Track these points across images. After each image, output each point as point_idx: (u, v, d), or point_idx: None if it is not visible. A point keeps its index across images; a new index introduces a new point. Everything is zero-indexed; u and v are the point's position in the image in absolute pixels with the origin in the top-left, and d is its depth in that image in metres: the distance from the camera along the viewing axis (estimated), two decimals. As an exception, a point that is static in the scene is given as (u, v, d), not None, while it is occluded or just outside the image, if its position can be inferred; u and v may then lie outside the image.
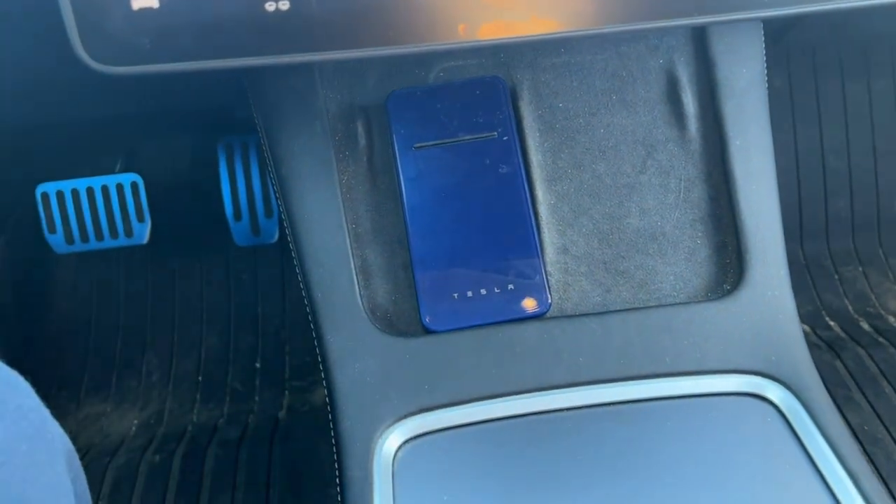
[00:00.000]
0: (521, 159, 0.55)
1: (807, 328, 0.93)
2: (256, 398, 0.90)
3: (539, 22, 0.44)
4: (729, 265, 0.54)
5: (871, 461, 0.76)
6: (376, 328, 0.52)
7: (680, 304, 0.53)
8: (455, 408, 0.49)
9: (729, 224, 0.54)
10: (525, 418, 0.49)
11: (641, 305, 0.53)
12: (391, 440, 0.48)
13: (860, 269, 0.99)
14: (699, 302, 0.53)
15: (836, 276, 0.99)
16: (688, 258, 0.55)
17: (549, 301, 0.52)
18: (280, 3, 0.35)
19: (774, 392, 0.49)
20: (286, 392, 0.88)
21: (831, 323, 0.94)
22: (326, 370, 0.51)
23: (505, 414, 0.49)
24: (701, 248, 0.55)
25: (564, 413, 0.49)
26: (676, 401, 0.49)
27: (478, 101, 0.56)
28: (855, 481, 0.45)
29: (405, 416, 0.49)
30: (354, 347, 0.51)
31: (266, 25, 0.35)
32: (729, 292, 0.53)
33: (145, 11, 0.34)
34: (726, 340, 0.51)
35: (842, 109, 1.01)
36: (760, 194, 0.54)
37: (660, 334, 0.51)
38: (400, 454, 0.48)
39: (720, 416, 0.48)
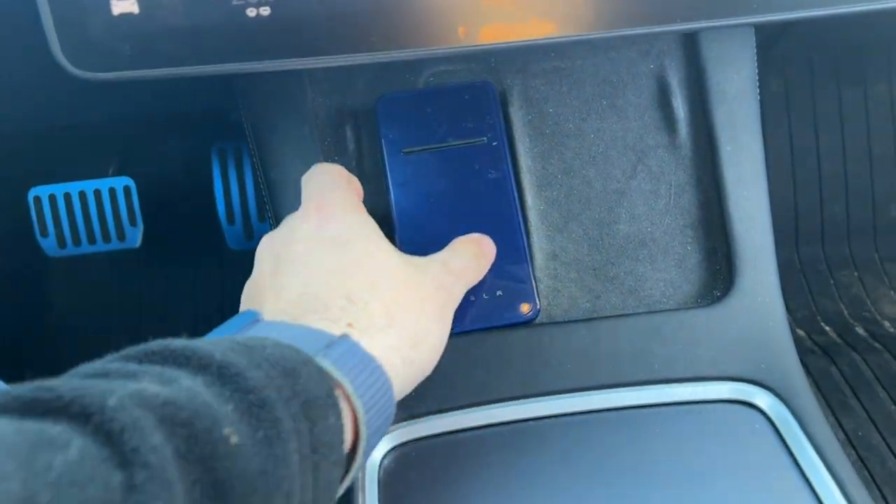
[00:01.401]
0: (510, 165, 0.55)
1: (802, 333, 0.93)
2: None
3: (536, 26, 0.44)
4: (719, 271, 0.54)
5: (866, 467, 0.76)
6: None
7: (669, 310, 0.53)
8: (442, 415, 0.49)
9: (719, 230, 0.54)
10: (513, 425, 0.49)
11: (631, 312, 0.53)
12: (377, 447, 0.48)
13: (856, 273, 0.99)
14: (689, 308, 0.53)
15: (832, 281, 0.99)
16: (678, 264, 0.55)
17: (539, 307, 0.52)
18: (261, 9, 0.35)
19: (763, 399, 0.49)
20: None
21: (827, 328, 0.94)
22: None
23: (493, 421, 0.49)
24: (691, 254, 0.55)
25: (553, 420, 0.49)
26: (665, 408, 0.49)
27: (467, 106, 0.56)
28: (842, 489, 0.44)
29: (391, 423, 0.48)
30: None
31: (247, 31, 0.35)
32: (719, 299, 0.52)
33: (126, 17, 0.34)
34: (716, 347, 0.51)
35: (838, 114, 1.01)
36: (751, 200, 0.54)
37: (649, 341, 0.51)
38: (386, 462, 0.48)
39: (709, 423, 0.48)
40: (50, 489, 0.21)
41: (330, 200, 0.44)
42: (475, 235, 0.50)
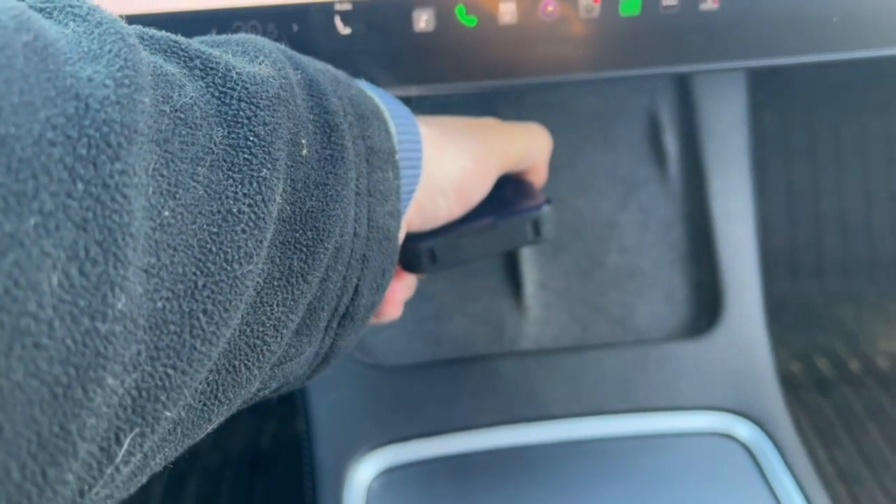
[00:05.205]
0: None
1: (795, 367, 0.93)
2: (240, 424, 0.90)
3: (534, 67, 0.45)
4: (706, 304, 0.55)
5: (856, 503, 0.76)
6: (354, 357, 0.52)
7: (656, 341, 0.54)
8: (429, 439, 0.50)
9: (707, 264, 0.55)
10: (499, 452, 0.50)
11: (618, 341, 0.54)
12: (364, 471, 0.48)
13: (851, 309, 0.99)
14: (675, 340, 0.54)
15: (827, 316, 0.99)
16: (665, 296, 0.55)
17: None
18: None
19: (744, 430, 0.50)
20: (270, 419, 0.88)
21: (820, 362, 0.94)
22: (304, 398, 0.51)
23: (479, 447, 0.50)
24: (678, 286, 0.56)
25: (537, 448, 0.50)
26: (647, 439, 0.49)
27: None
28: (822, 523, 0.45)
29: (379, 447, 0.49)
30: (332, 376, 0.51)
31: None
32: (705, 331, 0.53)
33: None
34: (700, 378, 0.51)
35: (835, 149, 1.02)
36: (738, 235, 0.55)
37: (635, 371, 0.52)
38: (374, 486, 0.48)
39: (690, 454, 0.49)
40: (169, 119, 0.22)
41: None
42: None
